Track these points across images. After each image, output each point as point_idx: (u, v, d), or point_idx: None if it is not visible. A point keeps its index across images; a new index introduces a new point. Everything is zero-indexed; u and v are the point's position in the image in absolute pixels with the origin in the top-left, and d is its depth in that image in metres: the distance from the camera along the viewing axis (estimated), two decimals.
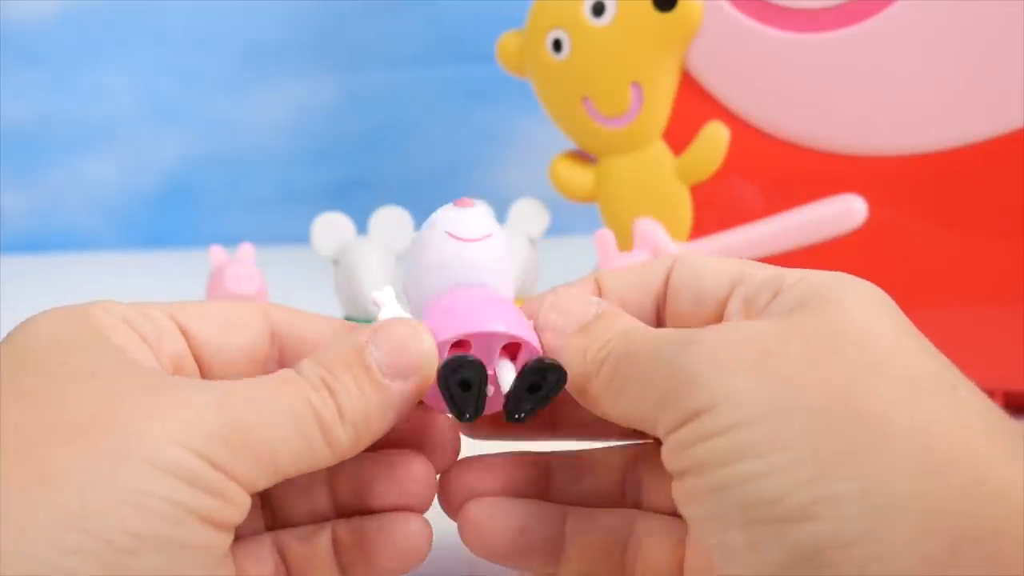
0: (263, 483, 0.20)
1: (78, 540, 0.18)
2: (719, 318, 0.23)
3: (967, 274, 0.37)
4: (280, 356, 0.25)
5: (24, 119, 0.71)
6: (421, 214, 0.26)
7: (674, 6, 0.38)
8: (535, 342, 0.24)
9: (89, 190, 0.72)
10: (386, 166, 0.70)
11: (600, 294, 0.25)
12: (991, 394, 0.38)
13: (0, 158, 0.71)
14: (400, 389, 0.22)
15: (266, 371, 0.23)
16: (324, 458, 0.21)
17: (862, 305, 0.21)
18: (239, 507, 0.20)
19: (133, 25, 0.69)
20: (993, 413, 0.19)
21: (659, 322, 0.25)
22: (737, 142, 0.39)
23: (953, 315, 0.37)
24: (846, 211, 0.38)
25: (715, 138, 0.40)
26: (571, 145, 0.44)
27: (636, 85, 0.40)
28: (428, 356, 0.22)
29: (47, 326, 0.21)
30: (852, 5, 0.37)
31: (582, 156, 0.44)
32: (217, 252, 0.42)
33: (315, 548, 0.24)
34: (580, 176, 0.43)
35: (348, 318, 0.43)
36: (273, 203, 0.73)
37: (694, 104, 0.40)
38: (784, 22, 0.38)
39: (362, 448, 0.22)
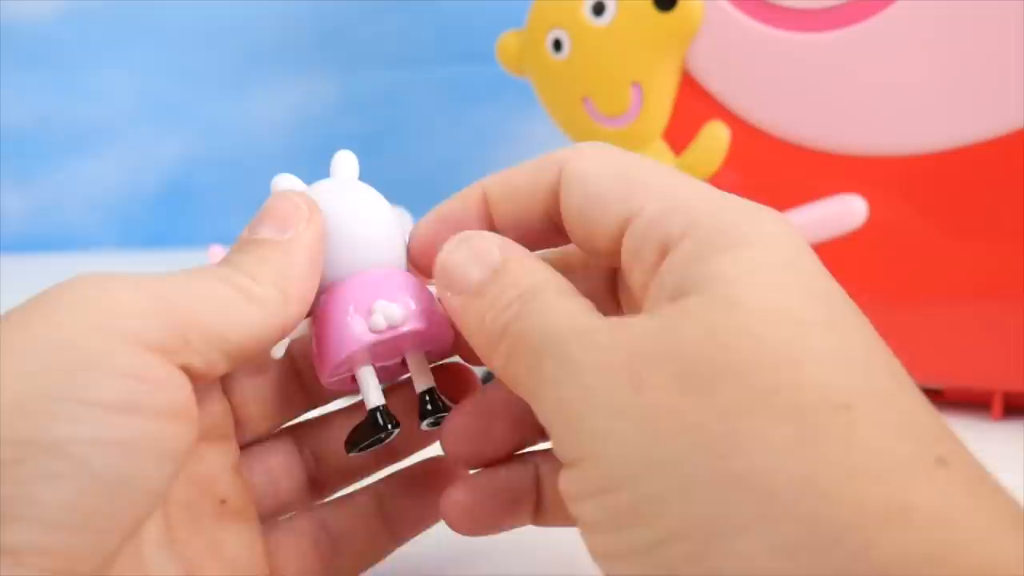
0: (216, 359, 0.21)
1: (17, 405, 0.18)
2: (616, 255, 0.21)
3: (967, 274, 0.37)
4: None
5: (24, 119, 0.71)
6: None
7: (674, 6, 0.38)
8: (437, 325, 0.23)
9: (89, 190, 0.72)
10: (386, 166, 0.70)
11: (488, 207, 0.24)
12: (991, 394, 0.38)
13: (0, 158, 0.71)
14: (294, 236, 0.22)
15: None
16: (259, 317, 0.21)
17: (756, 290, 0.18)
18: (168, 388, 0.20)
19: (133, 25, 0.70)
20: (907, 429, 0.17)
21: (558, 235, 0.23)
22: (737, 142, 0.39)
23: (953, 315, 0.37)
24: (846, 211, 0.38)
25: (715, 138, 0.40)
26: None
27: (636, 85, 0.40)
28: (309, 214, 0.23)
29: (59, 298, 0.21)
30: (852, 5, 0.37)
31: None
32: (216, 252, 0.42)
33: (358, 507, 0.25)
34: None
35: None
36: None
37: (694, 104, 0.40)
38: (784, 22, 0.38)
39: (300, 303, 0.22)
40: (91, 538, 0.18)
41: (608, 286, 0.25)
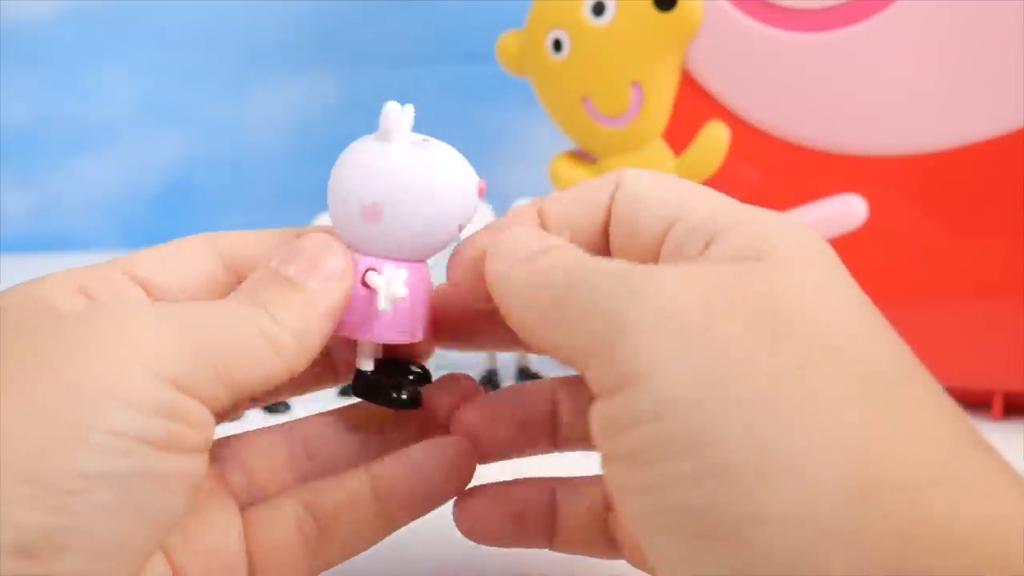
0: (223, 397, 0.21)
1: (13, 489, 0.17)
2: (654, 258, 0.22)
3: (967, 274, 0.37)
4: (238, 280, 0.25)
5: (24, 119, 0.71)
6: None
7: (674, 6, 0.38)
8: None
9: (89, 190, 0.72)
10: None
11: (544, 226, 0.24)
12: (991, 394, 0.38)
13: (0, 158, 0.71)
14: (322, 287, 0.22)
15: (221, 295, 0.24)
16: (275, 365, 0.21)
17: (809, 268, 0.19)
18: (201, 427, 0.20)
19: (133, 25, 0.69)
20: (946, 413, 0.18)
21: (609, 253, 0.24)
22: (737, 142, 0.39)
23: (953, 315, 0.37)
24: (846, 211, 0.38)
25: (715, 138, 0.40)
26: (571, 145, 0.44)
27: (636, 85, 0.40)
28: (341, 270, 0.23)
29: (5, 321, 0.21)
30: (852, 5, 0.37)
31: (582, 156, 0.44)
32: None
33: (347, 491, 0.24)
34: (580, 176, 0.43)
35: None
36: (273, 203, 0.73)
37: (694, 104, 0.40)
38: (784, 22, 0.38)
39: (312, 353, 0.22)
40: (126, 565, 0.19)
41: None
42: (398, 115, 0.25)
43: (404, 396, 0.24)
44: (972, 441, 0.17)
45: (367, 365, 0.24)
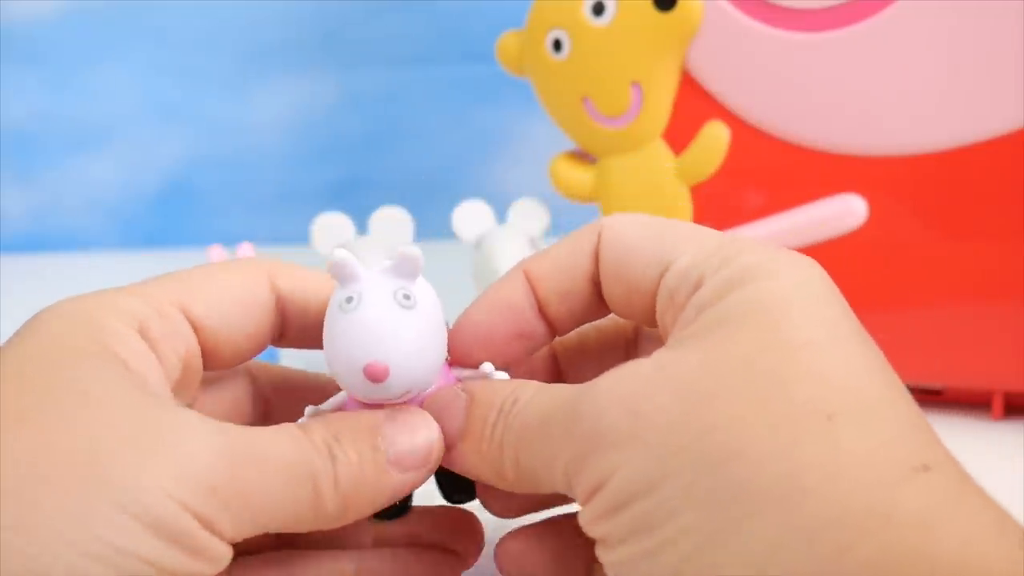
0: (244, 535, 0.20)
1: None
2: (652, 308, 0.22)
3: (967, 274, 0.37)
4: (283, 323, 0.25)
5: (24, 119, 0.71)
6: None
7: (674, 6, 0.38)
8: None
9: (89, 190, 0.72)
10: (386, 166, 0.70)
11: (531, 286, 0.24)
12: (991, 394, 0.38)
13: (0, 158, 0.71)
14: (400, 479, 0.22)
15: (263, 344, 0.24)
16: (307, 522, 0.21)
17: (777, 316, 0.19)
18: (218, 561, 0.20)
19: (133, 25, 0.69)
20: (892, 448, 0.18)
21: (601, 305, 0.24)
22: (737, 142, 0.39)
23: (952, 315, 0.37)
24: (846, 211, 0.38)
25: (715, 138, 0.40)
26: (571, 145, 0.44)
27: (636, 85, 0.40)
28: (437, 455, 0.22)
29: (51, 329, 0.21)
30: (852, 5, 0.37)
31: (582, 156, 0.44)
32: (217, 252, 0.42)
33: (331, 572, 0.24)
34: (580, 176, 0.43)
35: None
36: (273, 203, 0.73)
37: (694, 104, 0.40)
38: (784, 22, 0.38)
39: (344, 524, 0.21)
40: None
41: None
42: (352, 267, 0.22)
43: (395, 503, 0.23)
44: (919, 463, 0.17)
45: None
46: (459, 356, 0.24)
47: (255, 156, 0.72)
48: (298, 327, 0.25)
